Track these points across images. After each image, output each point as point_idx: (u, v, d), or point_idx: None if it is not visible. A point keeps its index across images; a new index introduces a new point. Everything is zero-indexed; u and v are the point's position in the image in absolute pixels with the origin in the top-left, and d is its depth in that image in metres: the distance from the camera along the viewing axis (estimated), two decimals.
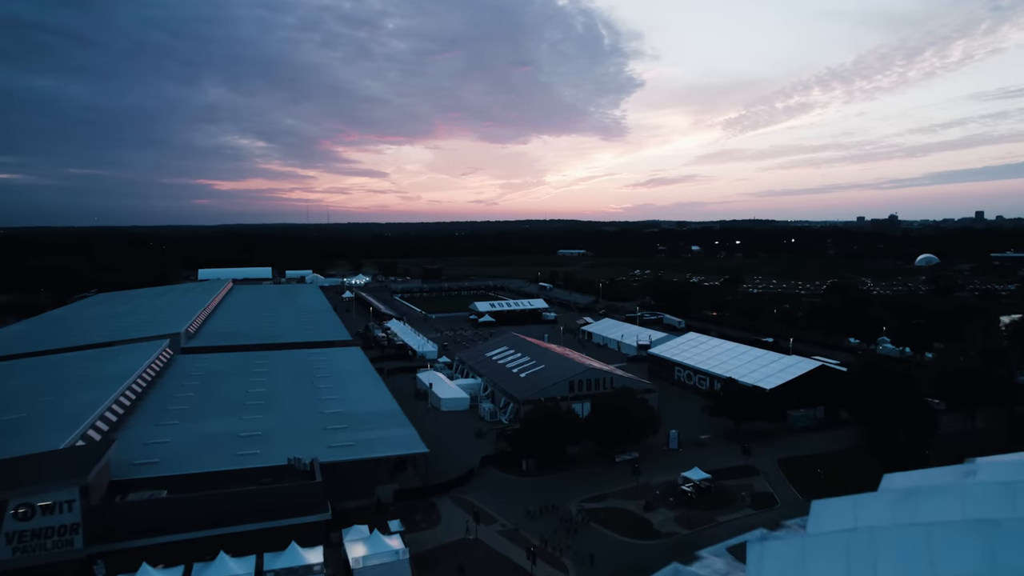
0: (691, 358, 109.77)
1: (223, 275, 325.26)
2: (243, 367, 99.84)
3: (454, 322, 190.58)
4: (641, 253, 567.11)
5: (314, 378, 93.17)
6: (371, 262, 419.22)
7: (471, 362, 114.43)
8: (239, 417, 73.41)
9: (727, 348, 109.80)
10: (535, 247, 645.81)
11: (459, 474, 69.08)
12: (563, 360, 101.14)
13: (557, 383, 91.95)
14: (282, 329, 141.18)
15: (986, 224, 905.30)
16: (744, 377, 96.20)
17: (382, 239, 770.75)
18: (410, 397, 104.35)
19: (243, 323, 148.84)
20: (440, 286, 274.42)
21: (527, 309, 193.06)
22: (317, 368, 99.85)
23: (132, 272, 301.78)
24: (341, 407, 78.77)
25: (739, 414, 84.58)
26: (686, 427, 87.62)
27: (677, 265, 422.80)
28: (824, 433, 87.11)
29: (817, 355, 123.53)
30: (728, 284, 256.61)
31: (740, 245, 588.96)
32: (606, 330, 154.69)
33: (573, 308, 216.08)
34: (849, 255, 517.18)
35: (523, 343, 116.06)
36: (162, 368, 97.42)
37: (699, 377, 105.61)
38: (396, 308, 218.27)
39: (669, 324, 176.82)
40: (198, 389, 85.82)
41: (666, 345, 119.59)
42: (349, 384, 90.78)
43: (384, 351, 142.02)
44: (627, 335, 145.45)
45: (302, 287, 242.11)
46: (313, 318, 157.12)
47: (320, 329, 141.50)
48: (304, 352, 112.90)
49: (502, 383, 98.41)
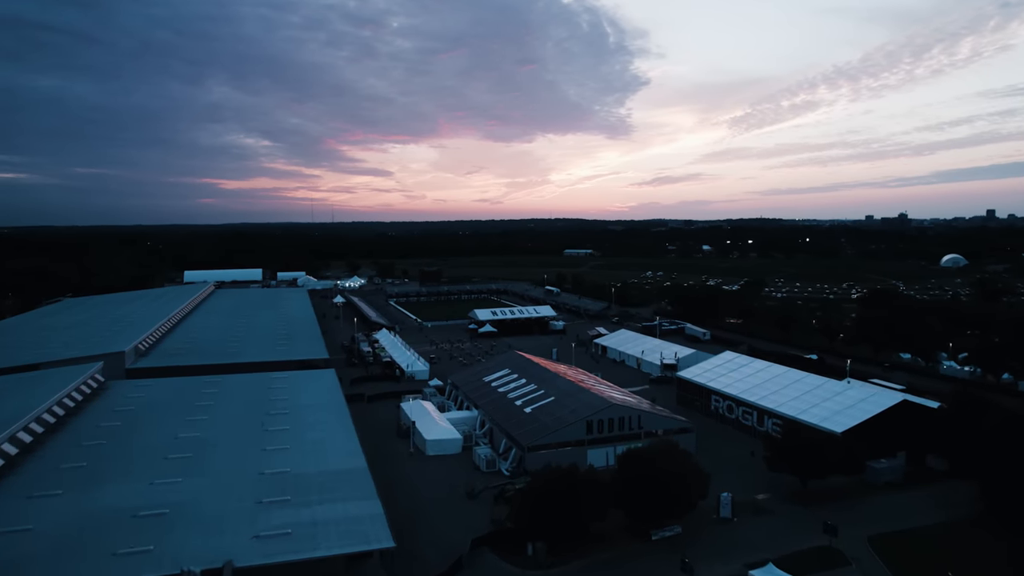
0: (732, 385, 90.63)
1: (211, 277, 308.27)
2: (185, 399, 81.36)
3: (452, 331, 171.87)
4: (650, 253, 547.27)
5: (267, 416, 74.55)
6: (370, 263, 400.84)
7: (466, 388, 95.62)
8: (149, 483, 54.80)
9: (776, 373, 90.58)
10: (540, 247, 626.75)
11: (440, 571, 50.13)
12: (577, 391, 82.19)
13: (571, 424, 73.09)
14: (251, 344, 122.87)
15: (999, 223, 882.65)
16: (804, 413, 77.14)
17: (384, 238, 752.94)
18: (391, 434, 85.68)
19: (209, 336, 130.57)
20: (439, 290, 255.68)
21: (532, 318, 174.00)
22: (275, 400, 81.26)
23: (114, 275, 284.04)
24: (289, 463, 60.12)
25: (808, 469, 65.49)
26: (735, 479, 68.76)
27: (689, 266, 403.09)
28: (915, 491, 67.87)
29: (874, 378, 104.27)
30: (750, 288, 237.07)
31: (753, 245, 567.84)
32: (623, 344, 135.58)
33: (583, 316, 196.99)
34: (867, 255, 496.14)
35: (528, 365, 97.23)
36: (82, 400, 78.95)
37: (743, 410, 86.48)
38: (389, 315, 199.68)
39: (692, 335, 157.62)
40: (114, 434, 67.30)
41: (699, 368, 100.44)
42: (309, 424, 72.13)
43: (369, 369, 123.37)
44: (648, 351, 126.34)
45: (288, 292, 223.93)
46: (291, 330, 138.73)
47: (295, 344, 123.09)
48: (266, 377, 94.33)
49: (503, 420, 79.57)
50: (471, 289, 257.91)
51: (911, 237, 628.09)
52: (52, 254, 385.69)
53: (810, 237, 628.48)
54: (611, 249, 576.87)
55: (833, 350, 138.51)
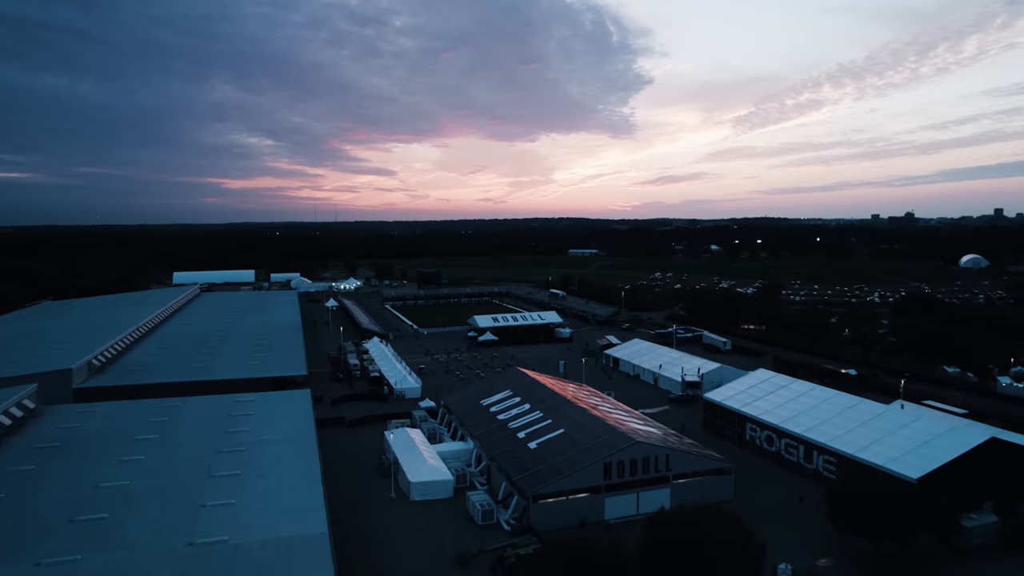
0: (771, 412, 77.46)
1: (201, 279, 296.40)
2: (128, 430, 68.55)
3: (450, 339, 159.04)
4: (657, 253, 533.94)
5: (217, 454, 61.65)
6: (368, 263, 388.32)
7: (461, 413, 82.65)
8: (34, 564, 41.95)
9: (822, 397, 77.33)
10: (544, 246, 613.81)
11: None
12: (591, 422, 69.15)
13: (585, 466, 60.06)
14: (224, 357, 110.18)
15: (1008, 222, 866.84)
16: (865, 451, 63.99)
17: (386, 238, 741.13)
18: (371, 470, 72.80)
19: (180, 347, 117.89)
20: (438, 293, 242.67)
21: (537, 324, 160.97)
22: (232, 433, 68.37)
23: (99, 276, 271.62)
24: (229, 528, 47.20)
25: (881, 530, 52.33)
26: (785, 535, 55.64)
27: (698, 267, 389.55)
28: (1017, 556, 54.72)
29: (927, 399, 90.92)
30: (766, 291, 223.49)
31: (762, 245, 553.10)
32: (638, 356, 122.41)
33: (591, 321, 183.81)
34: (880, 255, 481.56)
35: (532, 386, 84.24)
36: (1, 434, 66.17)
37: (787, 442, 73.30)
38: (384, 321, 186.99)
39: (711, 344, 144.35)
40: (21, 483, 54.46)
41: (729, 389, 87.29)
42: (267, 466, 59.22)
43: (354, 386, 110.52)
44: (667, 365, 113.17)
45: (278, 295, 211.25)
46: (272, 340, 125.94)
47: (273, 357, 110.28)
48: (231, 401, 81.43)
49: (503, 457, 66.63)
50: (471, 292, 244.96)
51: (922, 236, 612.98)
52: (42, 254, 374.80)
53: (819, 237, 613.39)
54: (616, 249, 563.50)
55: (868, 362, 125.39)
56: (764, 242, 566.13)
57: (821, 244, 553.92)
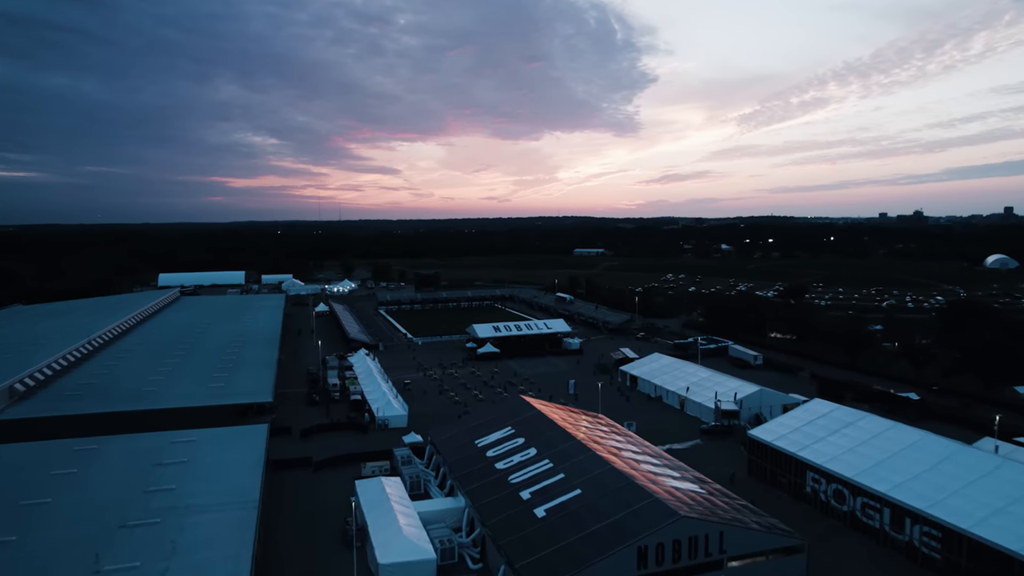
0: (840, 458, 61.41)
1: (189, 280, 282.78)
2: (16, 488, 53.24)
3: (446, 350, 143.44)
4: (665, 252, 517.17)
5: (118, 531, 46.19)
6: (367, 263, 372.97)
7: (451, 457, 66.90)
8: None
9: (907, 441, 60.97)
10: (549, 245, 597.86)
11: None
12: (614, 477, 53.26)
13: (614, 552, 44.29)
14: (181, 378, 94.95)
15: (1019, 220, 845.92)
16: (984, 524, 47.97)
17: (387, 237, 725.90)
18: (334, 537, 57.15)
19: (133, 365, 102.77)
20: (436, 296, 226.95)
21: (543, 334, 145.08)
22: (149, 494, 52.91)
23: (82, 277, 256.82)
24: None
25: None
26: None
27: (710, 268, 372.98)
28: None
29: (1020, 436, 74.72)
30: (791, 295, 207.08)
31: (774, 244, 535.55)
32: (659, 374, 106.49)
33: (602, 329, 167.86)
34: (897, 254, 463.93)
35: (539, 422, 68.47)
36: None
37: (863, 501, 57.34)
38: (375, 328, 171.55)
39: (738, 358, 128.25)
40: None
41: (780, 425, 71.35)
42: (181, 552, 43.71)
43: (331, 412, 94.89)
44: (695, 386, 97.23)
45: (263, 299, 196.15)
46: (241, 355, 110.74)
47: (237, 379, 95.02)
48: (165, 441, 66.06)
49: (501, 528, 50.91)
50: (473, 296, 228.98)
51: (936, 235, 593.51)
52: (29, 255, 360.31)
53: (832, 236, 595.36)
54: (623, 248, 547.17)
55: (920, 381, 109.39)
56: (775, 241, 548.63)
57: (836, 243, 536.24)
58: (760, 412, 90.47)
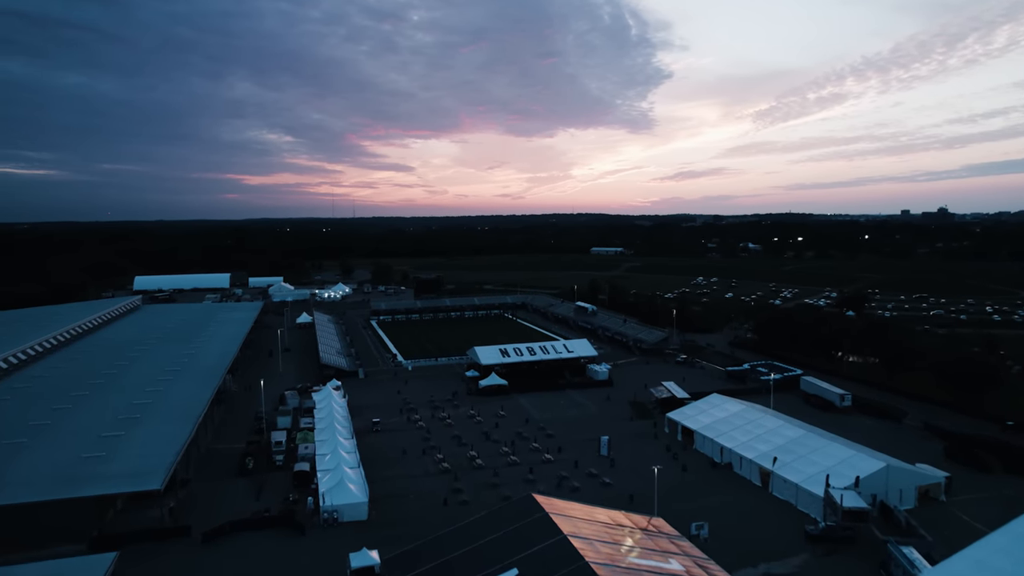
0: None
1: (168, 284, 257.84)
2: None
3: (441, 378, 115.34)
4: (688, 252, 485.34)
5: None
6: (369, 263, 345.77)
7: None
8: None
9: None
10: (565, 244, 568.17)
11: None
12: None
13: None
14: (54, 440, 67.22)
15: None
16: None
17: (397, 234, 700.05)
18: None
19: (4, 414, 75.40)
20: (438, 304, 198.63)
21: (562, 359, 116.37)
22: None
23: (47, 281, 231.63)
24: None
25: None
26: None
27: (740, 269, 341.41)
28: None
29: None
30: (847, 305, 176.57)
31: (805, 243, 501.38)
32: (725, 429, 77.26)
33: (633, 350, 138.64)
34: (945, 254, 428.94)
35: (561, 549, 39.85)
36: None
37: None
38: (360, 346, 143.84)
39: (819, 396, 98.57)
40: None
41: (966, 560, 42.11)
42: None
43: (262, 490, 66.82)
44: (783, 451, 67.90)
45: (233, 309, 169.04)
46: (162, 398, 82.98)
47: (134, 439, 67.10)
48: None
49: None
50: (479, 304, 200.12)
51: (978, 234, 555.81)
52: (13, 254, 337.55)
53: (866, 234, 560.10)
54: (643, 247, 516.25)
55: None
56: (805, 240, 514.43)
57: (872, 242, 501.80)
58: (886, 499, 61.59)
